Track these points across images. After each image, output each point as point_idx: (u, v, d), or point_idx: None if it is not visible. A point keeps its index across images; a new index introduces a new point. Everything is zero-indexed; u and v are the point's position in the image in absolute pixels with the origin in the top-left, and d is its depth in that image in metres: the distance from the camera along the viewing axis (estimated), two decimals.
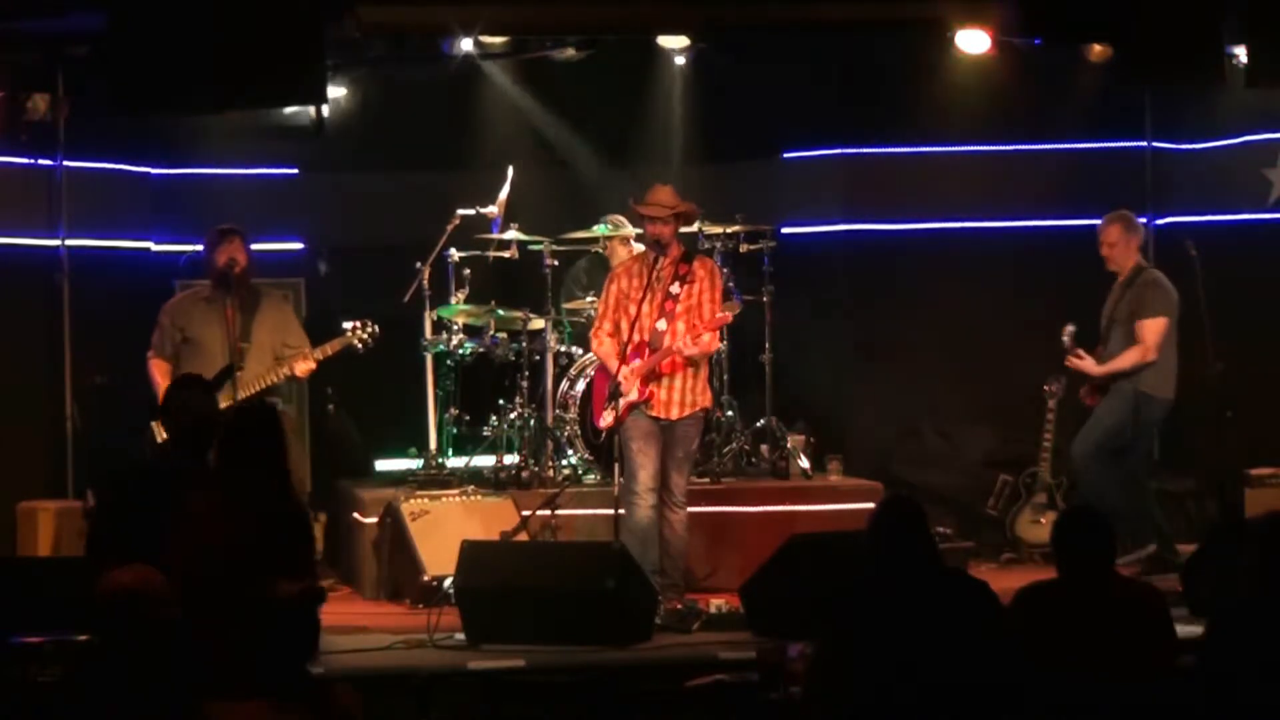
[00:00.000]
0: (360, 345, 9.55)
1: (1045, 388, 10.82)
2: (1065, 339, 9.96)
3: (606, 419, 9.08)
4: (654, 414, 8.99)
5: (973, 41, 10.22)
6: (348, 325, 9.54)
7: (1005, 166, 11.80)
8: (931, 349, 10.84)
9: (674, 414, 9.02)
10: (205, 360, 9.25)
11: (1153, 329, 9.70)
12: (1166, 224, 11.75)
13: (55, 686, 6.17)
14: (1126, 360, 9.74)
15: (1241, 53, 9.51)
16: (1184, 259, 10.35)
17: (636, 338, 8.99)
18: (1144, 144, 11.82)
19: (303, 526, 6.77)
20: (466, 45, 10.68)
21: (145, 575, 5.90)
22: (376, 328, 9.58)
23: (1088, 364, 9.75)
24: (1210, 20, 9.13)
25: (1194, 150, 11.70)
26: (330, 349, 9.50)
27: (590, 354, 10.00)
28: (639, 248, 10.19)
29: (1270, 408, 10.93)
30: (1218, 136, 11.53)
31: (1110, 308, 9.91)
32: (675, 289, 9.06)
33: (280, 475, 6.66)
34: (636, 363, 9.01)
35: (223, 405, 9.10)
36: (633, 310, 9.04)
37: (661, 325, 9.03)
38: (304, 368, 9.43)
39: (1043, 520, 10.56)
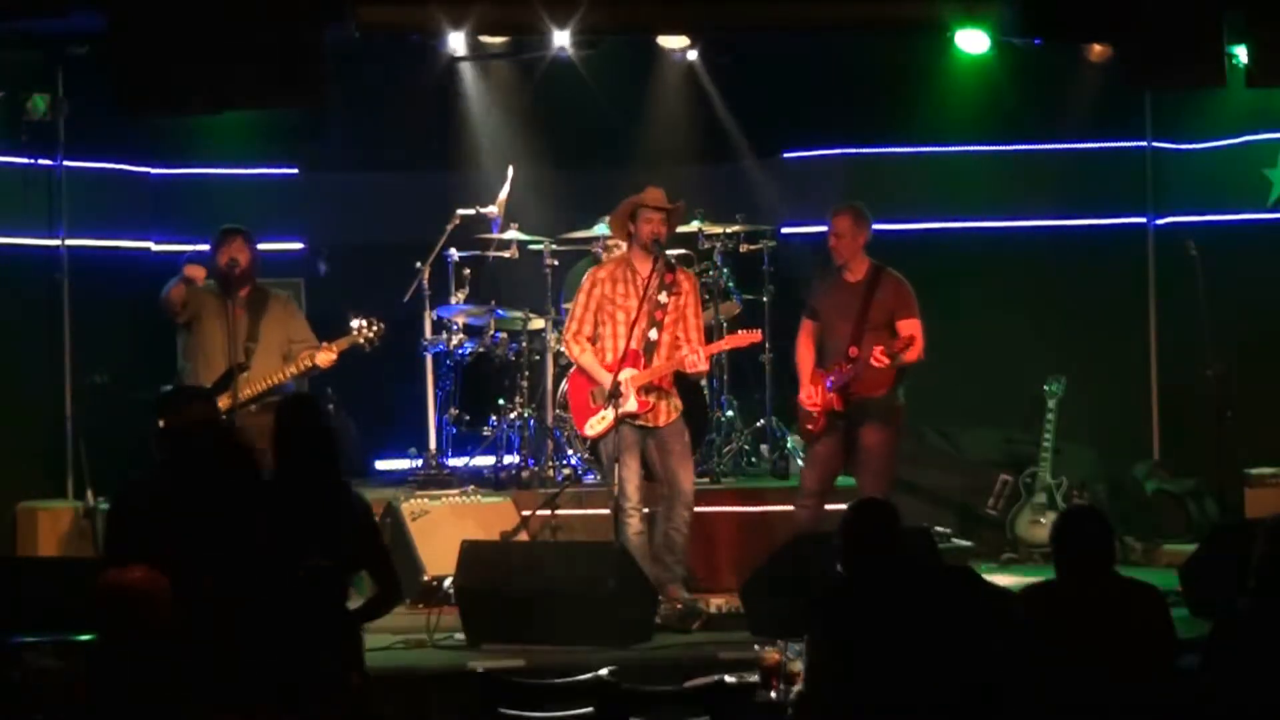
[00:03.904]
0: (366, 344, 9.53)
1: (1045, 387, 10.85)
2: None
3: (597, 426, 9.07)
4: (645, 423, 9.04)
5: (973, 41, 10.22)
6: (354, 324, 9.52)
7: (1005, 167, 11.79)
8: (931, 349, 10.81)
9: (662, 420, 9.09)
10: (208, 358, 9.25)
11: (920, 327, 9.24)
12: (1166, 224, 11.75)
13: (55, 686, 6.17)
14: (912, 357, 9.21)
15: (1241, 53, 9.50)
16: (1184, 259, 10.34)
17: (624, 346, 9.02)
18: (1144, 144, 11.81)
19: (363, 513, 6.86)
20: (466, 45, 10.68)
21: (147, 577, 5.90)
22: (382, 325, 9.56)
23: (881, 357, 8.99)
24: (1210, 20, 9.12)
25: (1194, 150, 11.70)
26: (338, 346, 9.48)
27: None
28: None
29: (1270, 408, 10.93)
30: (1218, 136, 11.52)
31: (855, 310, 9.23)
32: (663, 298, 9.07)
33: (334, 465, 6.70)
34: (632, 371, 9.01)
35: (223, 405, 9.11)
36: (620, 318, 9.05)
37: (654, 335, 9.06)
38: (326, 358, 9.37)
39: (1043, 520, 10.57)
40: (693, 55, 11.44)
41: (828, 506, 9.69)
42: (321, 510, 6.61)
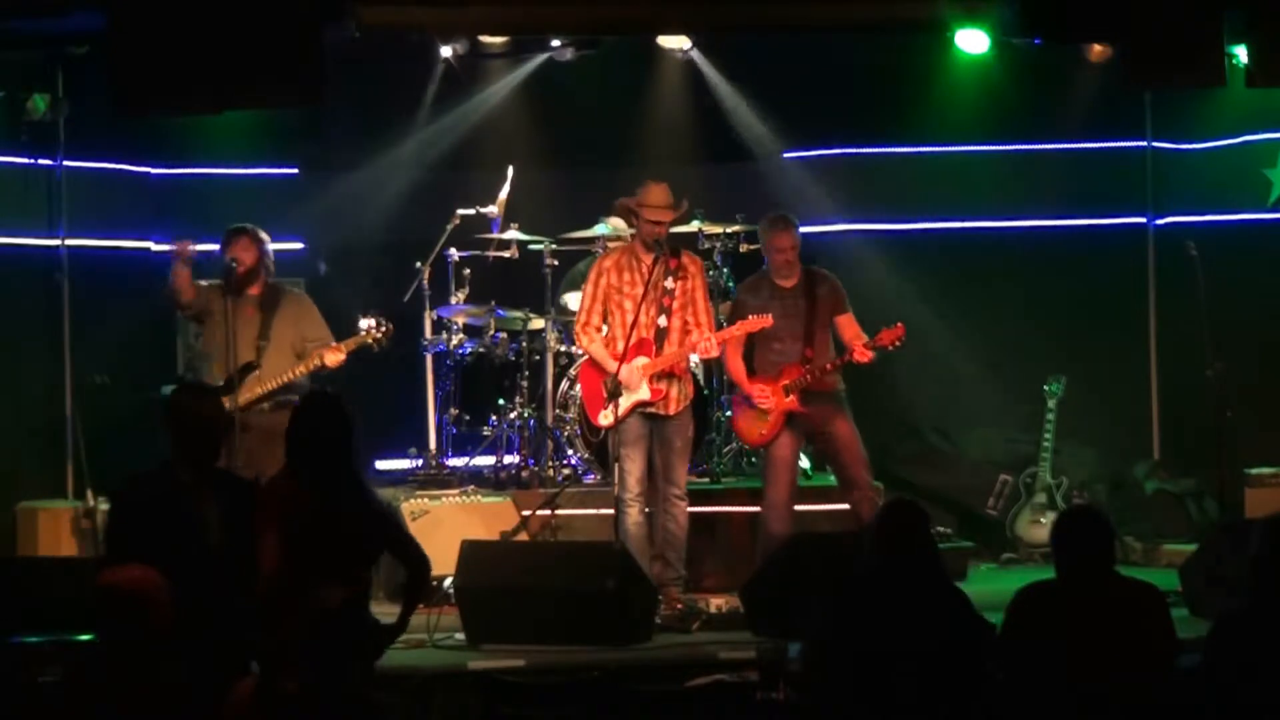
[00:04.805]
0: (375, 344, 9.51)
1: (1045, 387, 10.86)
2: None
3: (607, 417, 9.09)
4: (656, 411, 9.06)
5: (973, 41, 10.22)
6: (364, 324, 9.50)
7: (1005, 167, 11.79)
8: (932, 348, 10.85)
9: (672, 409, 9.13)
10: (211, 357, 9.24)
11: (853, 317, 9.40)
12: (1166, 224, 11.75)
13: (55, 686, 6.18)
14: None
15: (1241, 53, 9.50)
16: (1184, 259, 10.34)
17: (635, 335, 9.02)
18: (1144, 144, 11.81)
19: (387, 512, 6.87)
20: (466, 44, 10.68)
21: (147, 577, 5.90)
22: (392, 326, 9.54)
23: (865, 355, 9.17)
24: (1210, 20, 9.12)
25: (1194, 150, 11.70)
26: (346, 347, 9.46)
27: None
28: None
29: (1270, 408, 10.93)
30: (1218, 136, 11.52)
31: (803, 313, 9.30)
32: (670, 284, 9.11)
33: (349, 466, 6.67)
34: (643, 360, 9.04)
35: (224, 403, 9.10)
36: (628, 306, 9.08)
37: (663, 322, 9.08)
38: (334, 358, 9.35)
39: (1043, 520, 10.57)
40: (693, 55, 11.43)
41: (829, 507, 9.74)
42: (345, 512, 6.58)
